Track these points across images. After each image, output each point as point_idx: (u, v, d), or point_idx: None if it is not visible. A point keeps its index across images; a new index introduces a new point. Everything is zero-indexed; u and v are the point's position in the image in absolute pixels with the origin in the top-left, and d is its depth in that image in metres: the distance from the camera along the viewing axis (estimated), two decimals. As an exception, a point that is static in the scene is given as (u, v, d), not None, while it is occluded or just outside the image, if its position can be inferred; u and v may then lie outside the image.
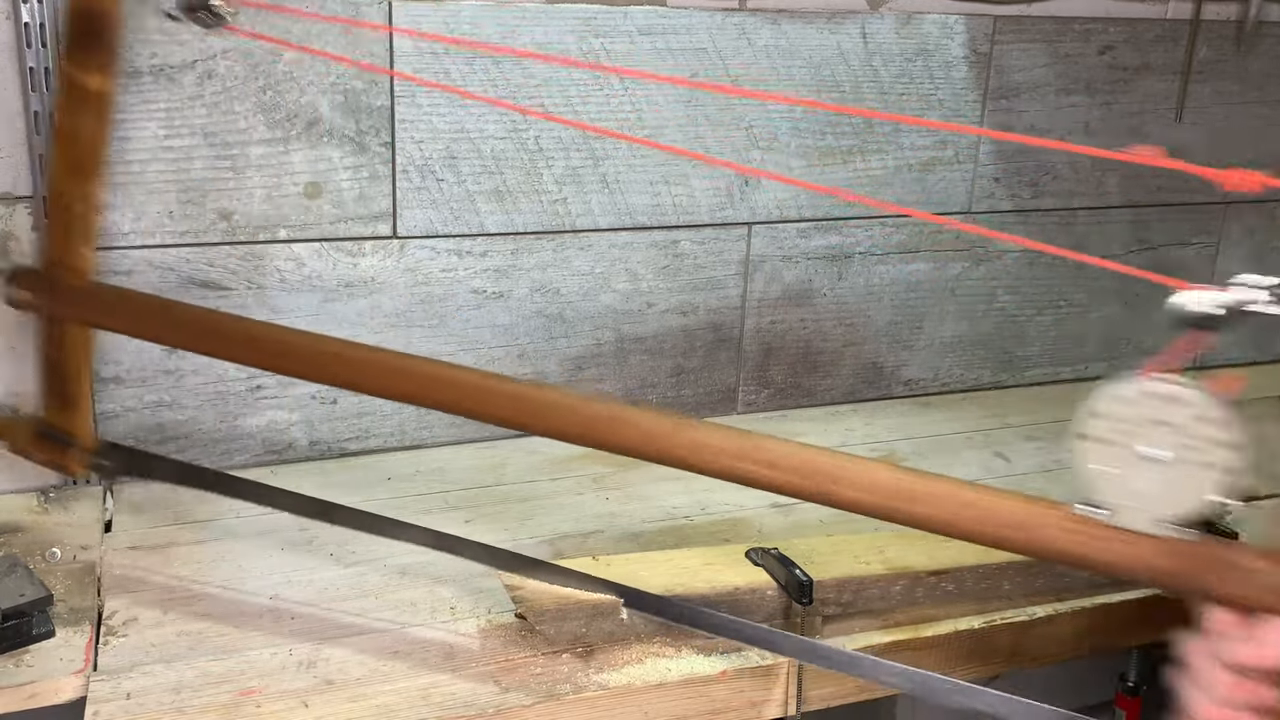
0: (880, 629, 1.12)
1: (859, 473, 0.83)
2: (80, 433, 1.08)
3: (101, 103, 1.01)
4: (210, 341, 1.03)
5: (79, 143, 1.01)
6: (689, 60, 1.47)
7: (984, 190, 1.69)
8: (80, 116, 1.01)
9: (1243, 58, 1.79)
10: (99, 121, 1.02)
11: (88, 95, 1.00)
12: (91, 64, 1.00)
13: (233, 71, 1.27)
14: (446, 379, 0.95)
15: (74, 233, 1.03)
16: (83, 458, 1.09)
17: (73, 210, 1.03)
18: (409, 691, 0.98)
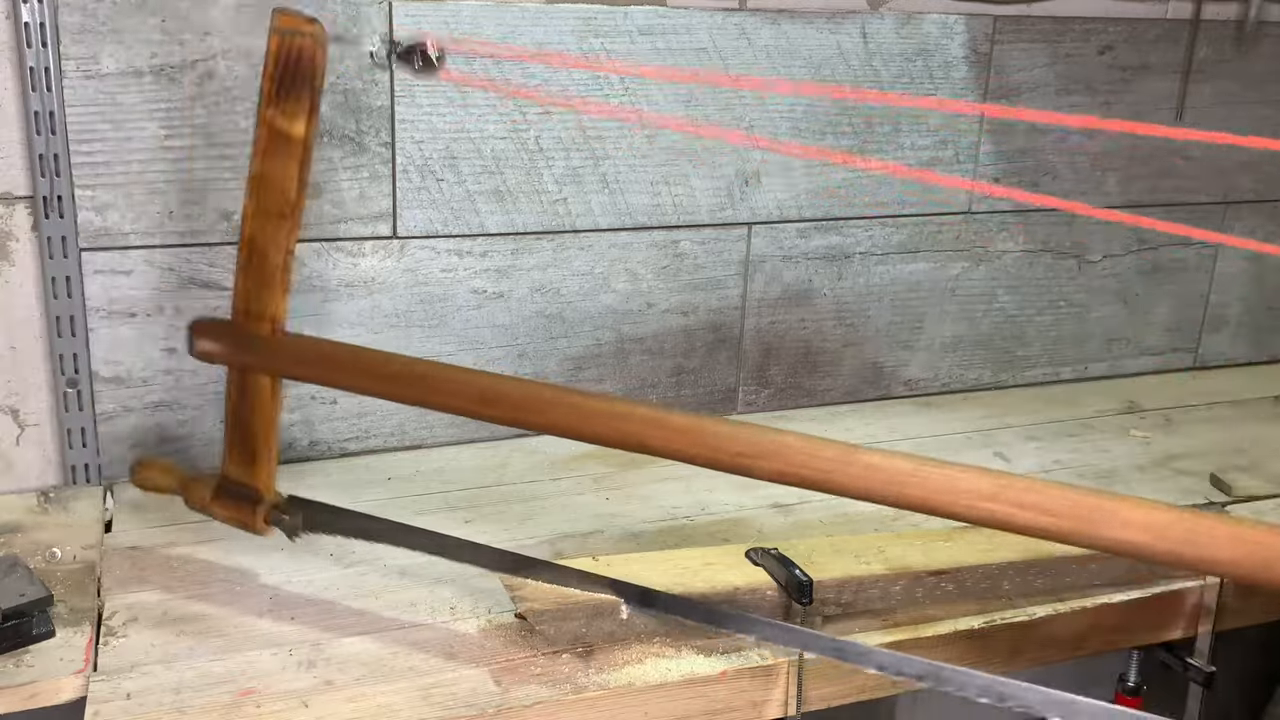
0: (880, 629, 1.12)
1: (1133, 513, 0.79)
2: (264, 487, 1.06)
3: (302, 150, 0.98)
4: (408, 389, 1.00)
5: (277, 189, 0.99)
6: (689, 60, 1.47)
7: (984, 190, 1.69)
8: (279, 162, 0.98)
9: (1243, 58, 1.79)
10: (298, 168, 0.99)
11: (289, 141, 0.98)
12: (293, 110, 0.97)
13: (233, 71, 1.27)
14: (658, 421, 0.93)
15: (267, 282, 1.01)
16: (267, 513, 1.07)
17: (268, 258, 1.00)
18: (409, 691, 0.98)
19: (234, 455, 1.06)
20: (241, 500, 1.07)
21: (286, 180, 0.98)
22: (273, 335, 1.02)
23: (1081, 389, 1.82)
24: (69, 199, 1.25)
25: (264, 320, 1.01)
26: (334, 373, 1.03)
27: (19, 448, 1.31)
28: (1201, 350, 1.93)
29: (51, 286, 1.27)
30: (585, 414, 0.94)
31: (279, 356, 1.02)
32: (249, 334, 1.02)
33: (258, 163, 1.00)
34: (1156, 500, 0.79)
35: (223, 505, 1.08)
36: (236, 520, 1.08)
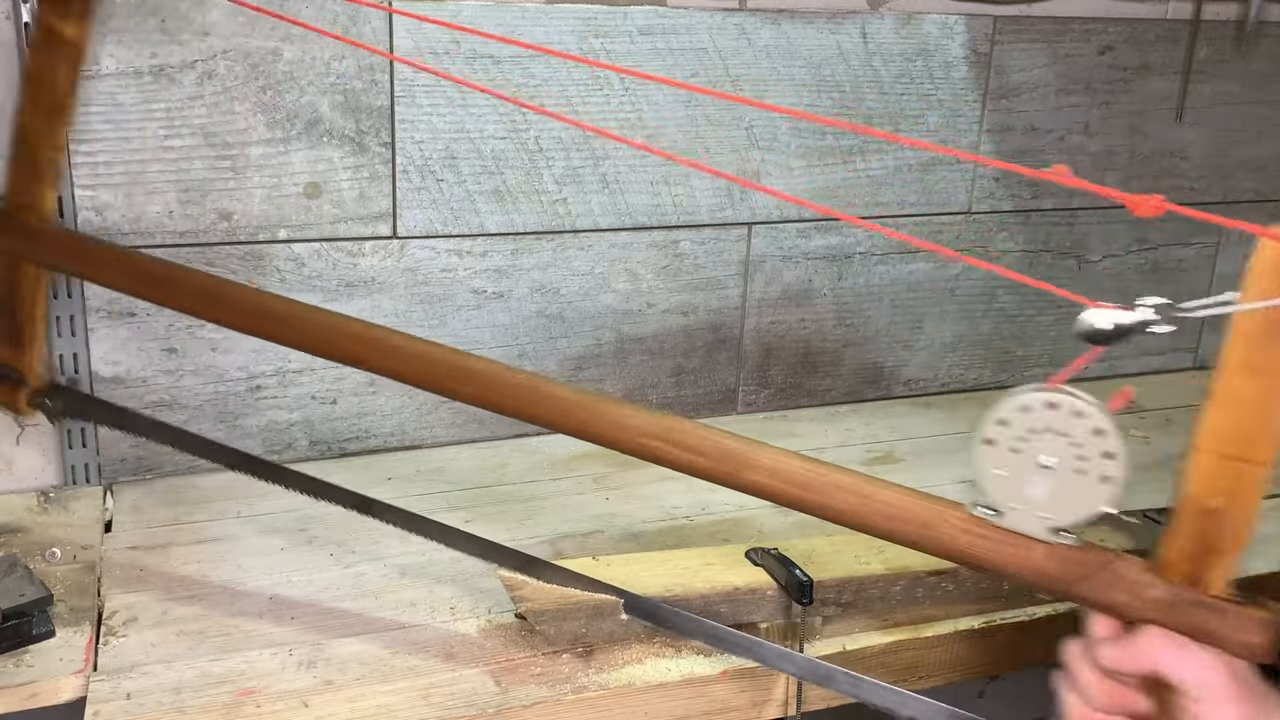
0: (880, 629, 1.12)
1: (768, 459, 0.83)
2: (30, 372, 1.09)
3: (75, 50, 1.02)
4: (168, 293, 1.03)
5: (51, 87, 1.03)
6: (689, 60, 1.47)
7: (984, 190, 1.69)
8: (54, 62, 1.02)
9: (1243, 58, 1.79)
10: (71, 68, 1.03)
11: (63, 42, 1.02)
12: (68, 11, 1.01)
13: (233, 71, 1.27)
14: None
15: (38, 175, 1.05)
16: (30, 397, 1.10)
17: (39, 153, 1.04)
18: (409, 691, 0.98)
19: (2, 341, 1.10)
20: (6, 381, 1.09)
21: (58, 79, 1.03)
22: (40, 226, 1.05)
23: (1081, 389, 1.82)
24: (69, 199, 1.25)
25: (32, 210, 1.05)
26: (95, 268, 1.06)
27: (19, 448, 1.31)
28: (1201, 350, 1.93)
29: (51, 286, 1.27)
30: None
31: (43, 246, 1.06)
32: (16, 221, 1.05)
33: (31, 59, 1.05)
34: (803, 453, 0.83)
35: None
36: (3, 400, 1.11)
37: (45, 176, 1.05)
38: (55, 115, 1.04)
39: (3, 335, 1.09)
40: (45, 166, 1.05)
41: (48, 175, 1.05)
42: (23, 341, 1.09)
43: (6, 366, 1.09)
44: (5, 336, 1.09)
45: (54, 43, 1.02)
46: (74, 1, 1.02)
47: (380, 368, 0.95)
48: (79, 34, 1.02)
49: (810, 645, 1.09)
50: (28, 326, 1.08)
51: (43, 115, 1.04)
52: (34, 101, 1.04)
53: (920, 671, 1.13)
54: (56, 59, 1.02)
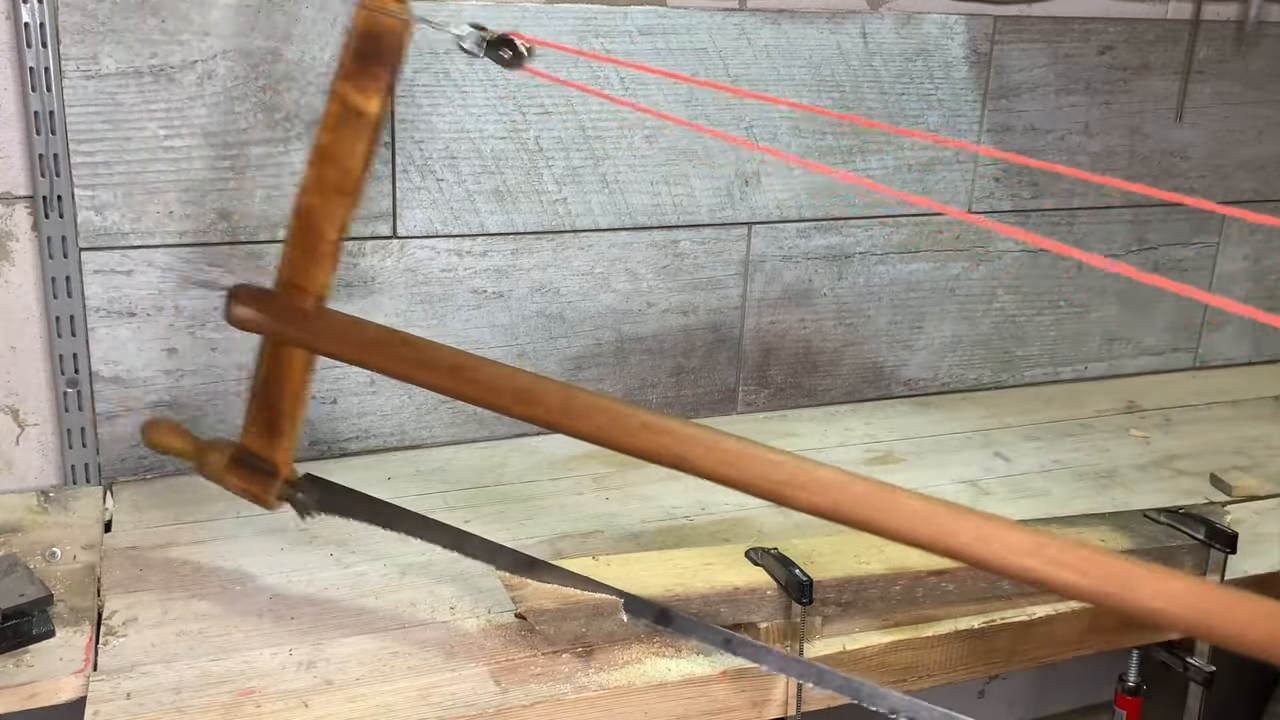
0: (880, 629, 1.12)
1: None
2: (282, 463, 1.05)
3: (372, 127, 0.97)
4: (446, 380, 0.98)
5: (341, 165, 0.97)
6: (689, 60, 1.47)
7: (984, 190, 1.69)
8: (347, 138, 0.97)
9: (1243, 58, 1.79)
10: (365, 146, 0.97)
11: (360, 118, 0.96)
12: (369, 86, 0.96)
13: (233, 71, 1.27)
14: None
15: (317, 256, 0.99)
16: (281, 490, 1.06)
17: (321, 233, 0.99)
18: (409, 691, 0.98)
19: (255, 427, 1.04)
20: (257, 473, 1.05)
21: (351, 156, 0.97)
22: (315, 309, 1.01)
23: (1081, 389, 1.82)
24: (69, 199, 1.25)
25: (307, 294, 1.00)
26: (372, 355, 1.00)
27: (19, 447, 1.31)
28: (1201, 350, 1.93)
29: (51, 286, 1.27)
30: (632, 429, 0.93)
31: (319, 332, 1.00)
32: (290, 306, 1.00)
33: (325, 135, 0.98)
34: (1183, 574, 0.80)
35: (237, 475, 1.06)
36: (249, 492, 1.06)
37: (323, 260, 0.99)
38: (342, 196, 0.98)
39: (260, 424, 1.04)
40: (325, 250, 0.99)
41: (326, 259, 0.99)
42: (280, 432, 1.03)
43: (259, 458, 1.04)
44: (262, 426, 1.04)
45: (350, 119, 0.96)
46: (378, 77, 0.96)
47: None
48: (376, 109, 0.96)
49: (810, 645, 1.09)
50: (287, 417, 1.03)
51: (328, 195, 0.98)
52: (321, 180, 0.98)
53: (920, 671, 1.13)
54: (351, 137, 0.96)
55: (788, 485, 0.87)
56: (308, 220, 0.99)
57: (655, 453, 0.91)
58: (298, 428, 1.04)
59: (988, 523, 0.82)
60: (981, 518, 0.83)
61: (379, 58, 0.95)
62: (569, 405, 0.94)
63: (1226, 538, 1.22)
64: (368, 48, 0.95)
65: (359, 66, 0.96)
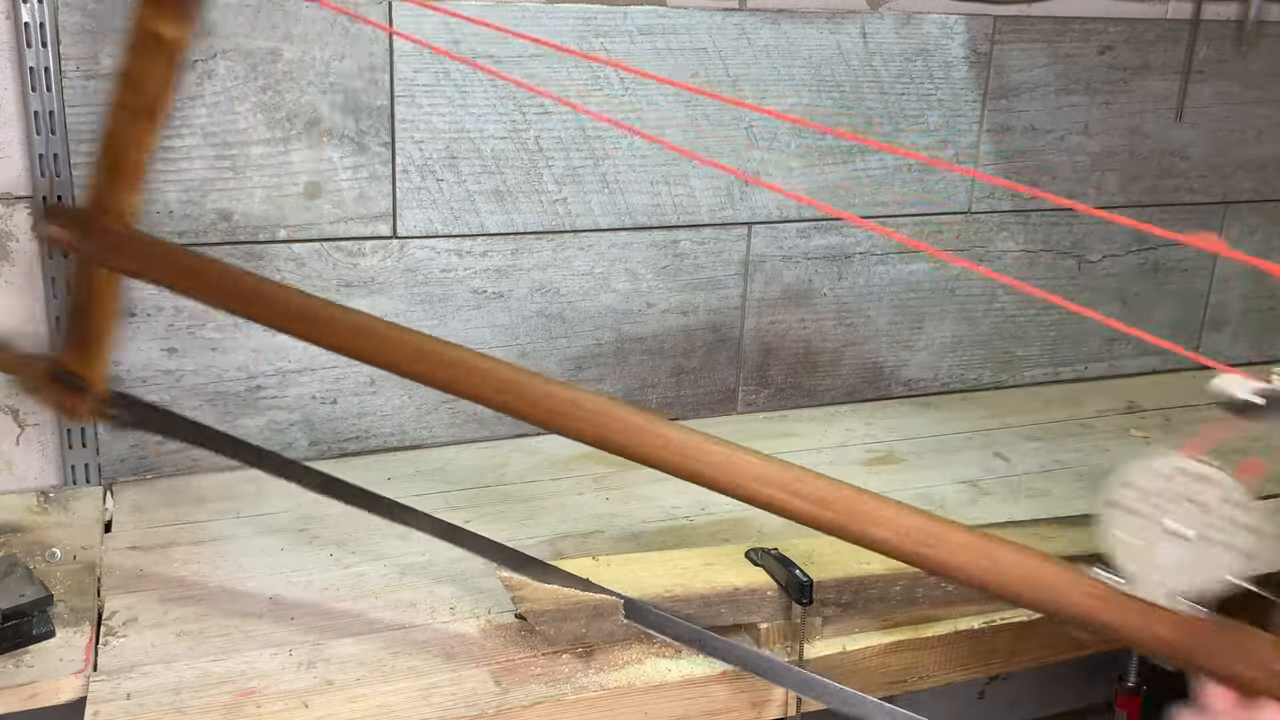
0: (880, 629, 1.12)
1: (888, 514, 0.83)
2: (95, 380, 1.07)
3: (173, 51, 0.99)
4: (248, 305, 1.00)
5: (143, 90, 1.00)
6: (689, 60, 1.47)
7: (984, 190, 1.69)
8: (149, 63, 0.99)
9: (1243, 58, 1.79)
10: (167, 70, 0.99)
11: (160, 42, 0.98)
12: (168, 11, 0.98)
13: (233, 71, 1.27)
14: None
15: (123, 178, 1.02)
16: (94, 405, 1.07)
17: (125, 155, 1.01)
18: (409, 691, 0.99)
19: (71, 345, 1.07)
20: (73, 388, 1.07)
21: (154, 80, 1.00)
22: (121, 231, 1.03)
23: (1081, 389, 1.82)
24: (69, 199, 1.25)
25: (115, 215, 1.02)
26: (175, 277, 1.04)
27: (19, 448, 1.31)
28: (1201, 350, 1.93)
29: (51, 286, 1.27)
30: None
31: (124, 252, 1.03)
32: (99, 226, 1.03)
33: (127, 60, 1.01)
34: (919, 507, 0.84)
35: (54, 390, 1.08)
36: (65, 407, 1.09)
37: (130, 181, 1.02)
38: (146, 118, 1.00)
39: (73, 341, 1.06)
40: (131, 171, 1.02)
41: (133, 180, 1.02)
42: (92, 348, 1.06)
43: (73, 373, 1.06)
44: (75, 343, 1.06)
45: (150, 43, 0.98)
46: (177, 3, 0.99)
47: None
48: (177, 35, 0.99)
49: (810, 645, 1.09)
50: (99, 334, 1.05)
51: (133, 118, 1.00)
52: (124, 104, 1.00)
53: (920, 671, 1.13)
54: (152, 60, 0.99)
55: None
56: (112, 142, 1.02)
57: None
58: (110, 345, 1.07)
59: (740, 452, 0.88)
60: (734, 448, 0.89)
61: None
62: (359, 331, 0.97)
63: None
64: None
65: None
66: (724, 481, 0.89)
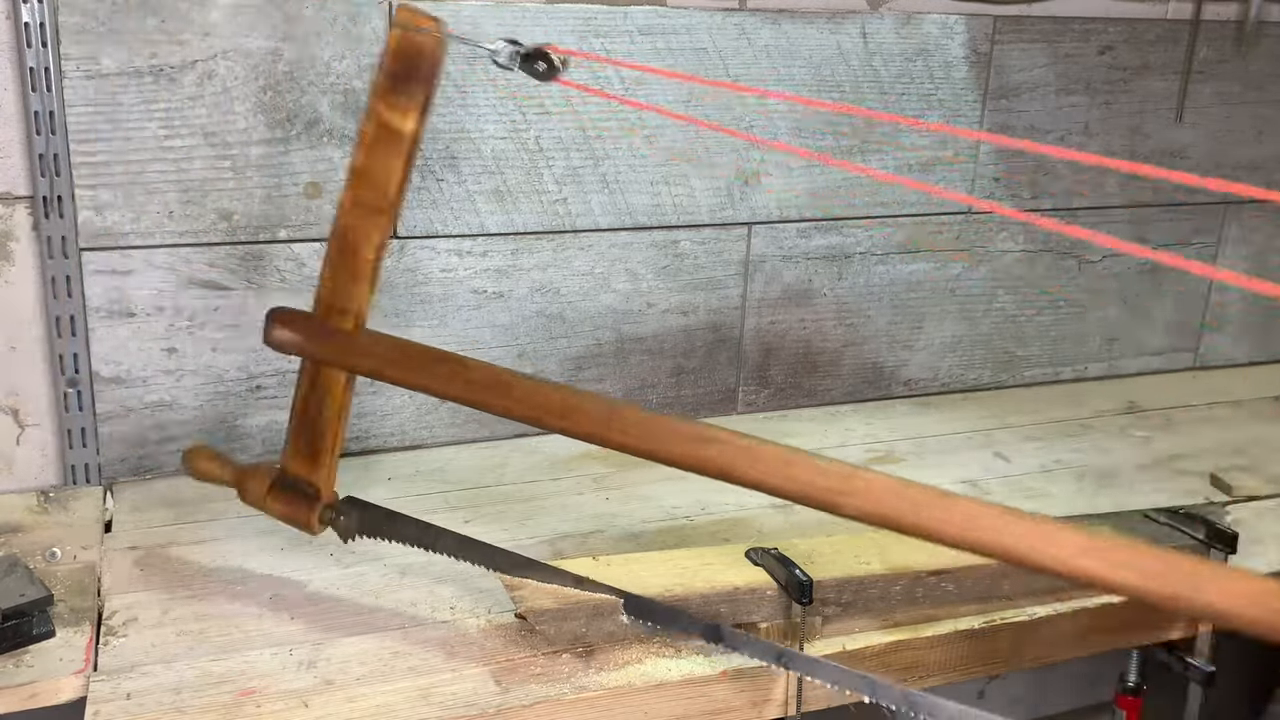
0: (880, 629, 1.12)
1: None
2: (323, 485, 1.04)
3: (409, 146, 0.96)
4: (492, 399, 0.96)
5: (377, 184, 0.97)
6: (689, 60, 1.47)
7: (984, 190, 1.69)
8: (383, 158, 0.96)
9: (1243, 58, 1.79)
10: (402, 165, 0.97)
11: (397, 137, 0.96)
12: (404, 104, 0.95)
13: (233, 71, 1.27)
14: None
15: (356, 277, 0.99)
16: (324, 513, 1.05)
17: (359, 253, 0.98)
18: (409, 691, 0.98)
19: (296, 450, 1.04)
20: (298, 496, 1.04)
21: (388, 176, 0.97)
22: (355, 331, 1.00)
23: (1081, 389, 1.82)
24: (69, 199, 1.25)
25: (347, 315, 0.99)
26: (414, 375, 0.99)
27: (19, 448, 1.31)
28: (1201, 350, 1.93)
29: (51, 286, 1.27)
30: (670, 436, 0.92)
31: (359, 353, 1.00)
32: (330, 327, 1.00)
33: (362, 156, 0.97)
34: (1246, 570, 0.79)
35: (279, 500, 1.06)
36: (291, 517, 1.06)
37: (362, 280, 0.99)
38: (378, 216, 0.97)
39: (301, 446, 1.03)
40: (362, 270, 0.98)
41: (366, 278, 0.99)
42: (321, 454, 1.03)
43: (301, 481, 1.03)
44: (303, 448, 1.03)
45: (387, 138, 0.95)
46: (414, 95, 0.95)
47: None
48: (413, 128, 0.96)
49: (810, 645, 1.09)
50: (328, 438, 1.02)
51: (365, 215, 0.98)
52: (358, 200, 0.98)
53: (920, 671, 1.13)
54: (388, 155, 0.96)
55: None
56: (345, 241, 0.99)
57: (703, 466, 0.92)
58: (338, 450, 1.04)
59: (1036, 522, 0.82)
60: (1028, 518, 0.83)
61: (414, 76, 0.95)
62: (613, 420, 0.93)
63: (1227, 538, 1.22)
64: (402, 67, 0.95)
65: (394, 85, 0.95)
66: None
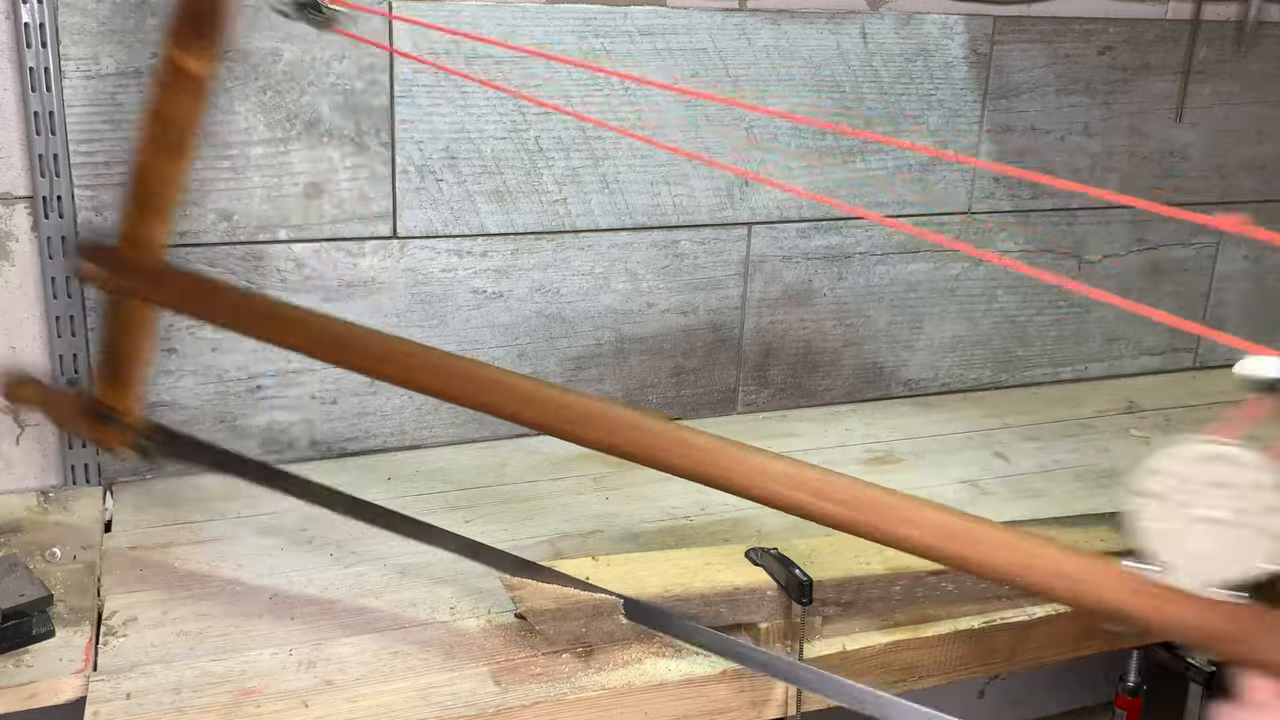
0: (880, 629, 1.12)
1: (915, 512, 0.83)
2: (130, 413, 1.07)
3: (200, 86, 1.00)
4: (280, 333, 1.01)
5: (171, 124, 1.01)
6: (689, 60, 1.47)
7: (984, 190, 1.69)
8: (176, 98, 1.00)
9: (1243, 58, 1.79)
10: (194, 105, 1.01)
11: (187, 77, 0.99)
12: (195, 47, 0.99)
13: (233, 71, 1.27)
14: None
15: (154, 213, 1.03)
16: (129, 437, 1.08)
17: (154, 190, 1.02)
18: (409, 691, 0.98)
19: (104, 378, 1.08)
20: (107, 422, 1.08)
21: (183, 116, 1.01)
22: (153, 264, 1.04)
23: (1081, 389, 1.82)
24: (69, 199, 1.25)
25: (147, 248, 1.03)
26: (207, 308, 1.05)
27: (19, 447, 1.31)
28: (1201, 350, 1.93)
29: (51, 286, 1.27)
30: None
31: (157, 285, 1.04)
32: (131, 261, 1.03)
33: (157, 97, 1.02)
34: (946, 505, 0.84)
35: (88, 425, 1.09)
36: (100, 440, 1.10)
37: (161, 215, 1.03)
38: (175, 153, 1.02)
39: (105, 375, 1.07)
40: (161, 205, 1.03)
41: (163, 214, 1.03)
42: (125, 381, 1.07)
43: (106, 407, 1.07)
44: (108, 376, 1.07)
45: (178, 79, 1.00)
46: (203, 37, 0.99)
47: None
48: (204, 71, 1.00)
49: (810, 645, 1.09)
50: (131, 367, 1.06)
51: (162, 153, 1.02)
52: (154, 139, 1.02)
53: (920, 671, 1.13)
54: (180, 95, 1.00)
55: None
56: (143, 177, 1.03)
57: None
58: (143, 377, 1.08)
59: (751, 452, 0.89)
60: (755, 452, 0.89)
61: (205, 20, 1.00)
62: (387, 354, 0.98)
63: None
64: (193, 10, 1.00)
65: (186, 28, 1.00)
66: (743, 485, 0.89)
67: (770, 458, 0.89)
